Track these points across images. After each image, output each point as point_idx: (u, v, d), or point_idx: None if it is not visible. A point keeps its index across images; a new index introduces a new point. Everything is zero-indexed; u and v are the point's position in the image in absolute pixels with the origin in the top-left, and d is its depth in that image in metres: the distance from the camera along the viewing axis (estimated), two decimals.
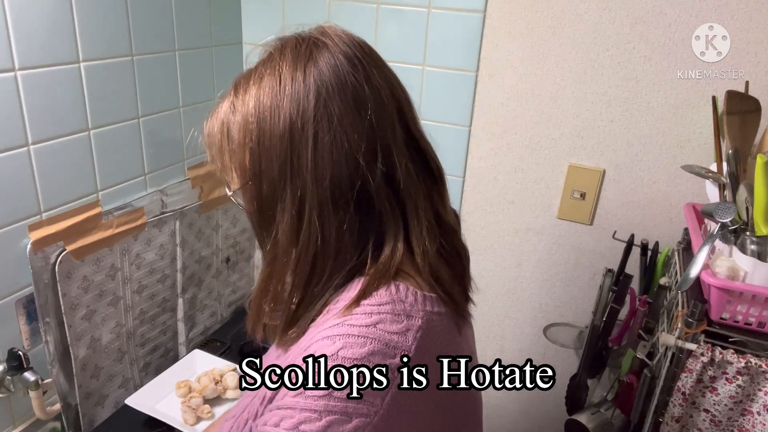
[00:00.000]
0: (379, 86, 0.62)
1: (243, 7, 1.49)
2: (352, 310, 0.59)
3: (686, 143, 1.20)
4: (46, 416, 1.11)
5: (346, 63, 0.61)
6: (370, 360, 0.55)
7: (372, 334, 0.56)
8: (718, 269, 0.90)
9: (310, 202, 0.60)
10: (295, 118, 0.59)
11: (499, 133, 1.35)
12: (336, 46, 0.62)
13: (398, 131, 0.63)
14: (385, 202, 0.62)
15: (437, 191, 0.68)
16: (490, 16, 1.27)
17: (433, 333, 0.61)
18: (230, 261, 1.60)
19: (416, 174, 0.64)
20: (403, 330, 0.58)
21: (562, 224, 1.36)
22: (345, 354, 0.55)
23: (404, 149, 0.63)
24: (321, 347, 0.57)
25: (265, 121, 0.60)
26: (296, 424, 0.54)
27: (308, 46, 0.62)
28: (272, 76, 0.61)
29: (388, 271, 0.61)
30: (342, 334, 0.56)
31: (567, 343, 1.44)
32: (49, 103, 1.03)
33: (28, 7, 0.96)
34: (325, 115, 0.59)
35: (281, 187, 0.61)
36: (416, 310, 0.60)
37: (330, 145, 0.59)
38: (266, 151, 0.60)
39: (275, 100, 0.60)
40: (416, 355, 0.58)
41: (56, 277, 1.07)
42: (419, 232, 0.63)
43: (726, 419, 0.91)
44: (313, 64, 0.60)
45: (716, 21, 1.11)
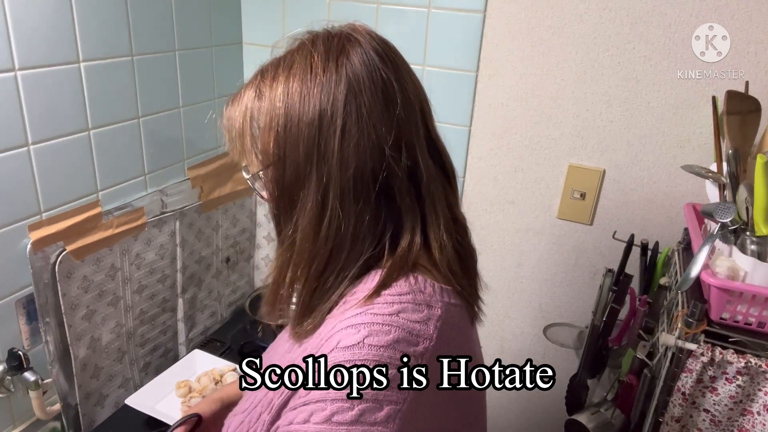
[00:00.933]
0: (406, 84, 0.64)
1: (243, 7, 1.49)
2: (374, 299, 0.60)
3: (686, 143, 1.20)
4: (46, 416, 1.11)
5: (378, 59, 0.62)
6: (395, 347, 0.56)
7: (395, 322, 0.58)
8: (718, 269, 0.90)
9: (334, 190, 0.61)
10: (325, 107, 0.60)
11: (499, 133, 1.35)
12: (367, 43, 0.63)
13: (421, 129, 0.65)
14: (406, 196, 0.63)
15: (451, 190, 0.70)
16: (490, 16, 1.27)
17: (451, 323, 0.62)
18: (230, 261, 1.60)
19: (435, 172, 0.66)
20: (424, 319, 0.59)
21: (562, 224, 1.36)
22: (371, 341, 0.56)
23: (425, 147, 0.65)
24: (345, 336, 0.57)
25: (293, 107, 0.61)
26: (328, 416, 0.54)
27: (341, 40, 0.64)
28: (303, 65, 0.62)
29: (406, 263, 0.63)
30: (366, 322, 0.57)
31: (567, 343, 1.44)
32: (49, 103, 1.03)
33: (28, 7, 0.96)
34: (355, 107, 0.60)
35: (306, 172, 0.62)
36: (435, 300, 0.62)
37: (357, 136, 0.60)
38: (292, 137, 0.61)
39: (306, 87, 0.61)
40: (437, 343, 0.60)
41: (56, 277, 1.07)
42: (437, 227, 0.65)
43: (726, 419, 0.91)
44: (345, 57, 0.62)
45: (716, 21, 1.11)
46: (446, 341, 0.61)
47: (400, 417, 0.56)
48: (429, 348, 0.58)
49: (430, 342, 0.59)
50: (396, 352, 0.56)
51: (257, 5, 1.48)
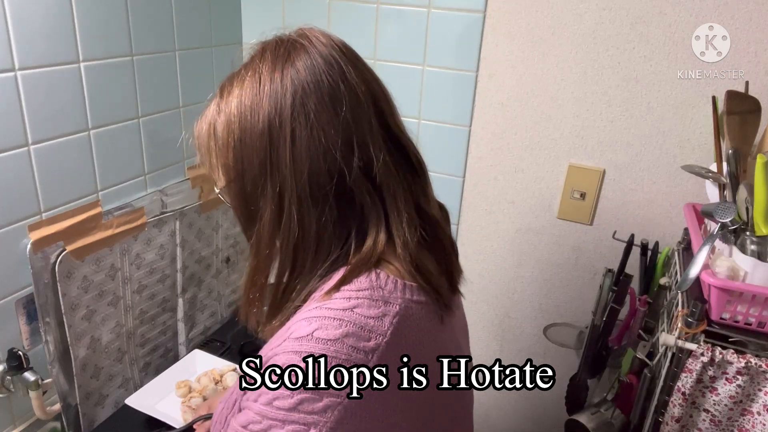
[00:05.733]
0: (355, 84, 0.65)
1: (243, 7, 1.49)
2: (332, 295, 0.61)
3: (686, 143, 1.20)
4: (46, 416, 1.11)
5: (323, 63, 0.64)
6: (343, 341, 0.57)
7: (348, 317, 0.59)
8: (718, 269, 0.90)
9: (290, 196, 0.63)
10: (273, 116, 0.62)
11: (499, 133, 1.35)
12: (313, 47, 0.64)
13: (375, 127, 0.65)
14: (365, 195, 0.64)
15: (419, 184, 0.70)
16: (490, 16, 1.27)
17: (411, 320, 0.63)
18: (230, 261, 1.60)
19: (395, 167, 0.66)
20: (379, 315, 0.60)
21: (562, 224, 1.36)
22: (319, 335, 0.58)
23: (382, 144, 0.65)
24: (298, 328, 0.59)
25: (246, 120, 0.63)
26: (271, 400, 0.58)
27: (286, 48, 0.65)
28: (252, 78, 0.64)
29: (370, 260, 0.64)
30: (319, 316, 0.59)
31: (567, 343, 1.44)
32: (49, 103, 1.03)
33: (28, 7, 0.96)
34: (302, 113, 0.62)
35: (262, 182, 0.64)
36: (395, 297, 0.62)
37: (307, 141, 0.62)
38: (247, 149, 0.63)
39: (255, 99, 0.63)
40: (392, 340, 0.60)
41: (56, 277, 1.07)
42: (399, 223, 0.65)
43: (726, 419, 0.91)
44: (290, 64, 0.63)
45: (716, 21, 1.11)
46: (403, 338, 0.61)
47: (339, 410, 0.57)
48: (381, 344, 0.59)
49: (383, 338, 0.59)
50: (344, 346, 0.57)
51: (257, 5, 1.48)
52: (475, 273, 1.48)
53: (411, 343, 0.63)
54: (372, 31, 1.37)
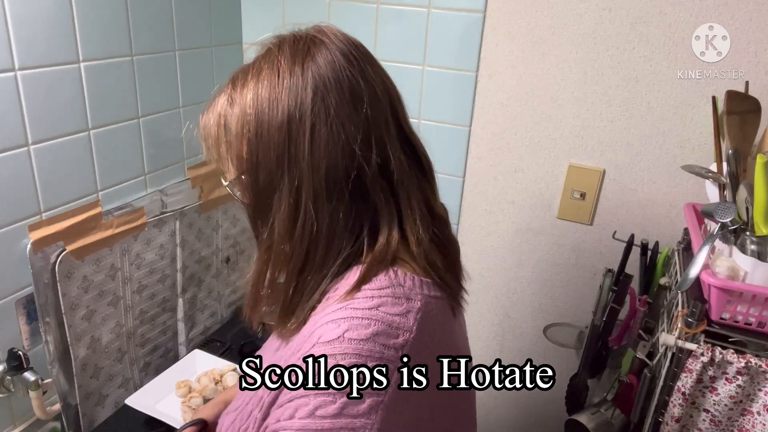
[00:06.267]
0: (374, 82, 0.65)
1: (243, 7, 1.49)
2: (354, 294, 0.61)
3: (686, 143, 1.20)
4: (46, 416, 1.11)
5: (343, 59, 0.63)
6: (375, 340, 0.57)
7: (375, 316, 0.58)
8: (718, 269, 0.90)
9: (307, 192, 0.62)
10: (293, 110, 0.61)
11: (499, 133, 1.35)
12: (333, 44, 0.64)
13: (391, 125, 0.66)
14: (380, 193, 0.64)
15: (428, 183, 0.70)
16: (490, 16, 1.27)
17: (431, 315, 0.63)
18: (230, 261, 1.60)
19: (408, 166, 0.67)
20: (404, 312, 0.60)
21: (562, 224, 1.36)
22: (351, 335, 0.57)
23: (397, 142, 0.66)
24: (326, 331, 0.58)
25: (263, 112, 0.62)
26: (312, 411, 0.56)
27: (306, 42, 0.64)
28: (271, 70, 0.63)
29: (386, 258, 0.63)
30: (346, 317, 0.58)
31: (567, 343, 1.44)
32: (49, 103, 1.03)
33: (28, 7, 0.96)
34: (323, 108, 0.61)
35: (278, 176, 0.63)
36: (415, 293, 0.62)
37: (327, 136, 0.61)
38: (264, 142, 0.63)
39: (274, 92, 0.62)
40: (418, 335, 0.60)
41: (56, 277, 1.07)
42: (413, 221, 0.65)
43: (726, 419, 0.91)
44: (311, 59, 0.63)
45: (716, 21, 1.11)
46: (427, 333, 0.62)
47: (382, 408, 0.56)
48: (409, 340, 0.59)
49: (410, 334, 0.59)
50: (376, 345, 0.57)
51: (257, 5, 1.48)
52: (475, 273, 1.48)
53: (433, 338, 0.63)
54: (372, 31, 1.37)
